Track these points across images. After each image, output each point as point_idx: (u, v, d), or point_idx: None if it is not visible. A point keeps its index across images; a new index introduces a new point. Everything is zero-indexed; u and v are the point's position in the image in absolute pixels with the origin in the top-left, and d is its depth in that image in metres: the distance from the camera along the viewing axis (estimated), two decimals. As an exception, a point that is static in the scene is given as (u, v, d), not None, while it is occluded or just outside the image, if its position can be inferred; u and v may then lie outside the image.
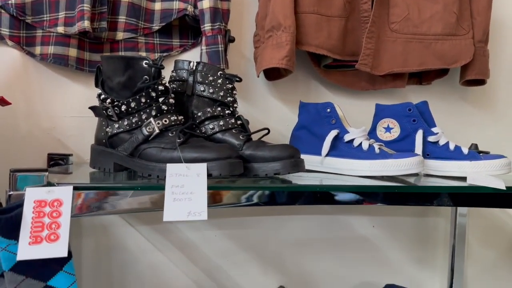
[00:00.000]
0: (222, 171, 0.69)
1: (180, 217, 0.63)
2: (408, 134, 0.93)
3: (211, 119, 0.80)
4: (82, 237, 0.99)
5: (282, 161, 0.74)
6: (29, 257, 0.57)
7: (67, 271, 0.63)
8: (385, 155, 0.83)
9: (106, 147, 0.78)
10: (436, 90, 1.16)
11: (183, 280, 1.04)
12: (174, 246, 1.04)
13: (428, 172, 0.90)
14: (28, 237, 0.58)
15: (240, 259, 1.08)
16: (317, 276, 1.12)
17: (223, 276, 1.06)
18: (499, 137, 1.21)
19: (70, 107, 0.97)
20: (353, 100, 1.11)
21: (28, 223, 0.59)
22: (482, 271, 1.24)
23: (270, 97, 1.08)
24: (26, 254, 0.57)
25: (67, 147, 0.96)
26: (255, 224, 1.09)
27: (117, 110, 0.75)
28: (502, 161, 0.84)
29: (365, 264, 1.15)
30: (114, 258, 1.00)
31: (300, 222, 1.11)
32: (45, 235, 0.59)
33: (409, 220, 1.17)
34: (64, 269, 0.63)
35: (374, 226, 1.15)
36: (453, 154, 0.88)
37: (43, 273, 0.62)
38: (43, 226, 0.59)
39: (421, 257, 1.19)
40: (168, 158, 0.70)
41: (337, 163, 0.87)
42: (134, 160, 0.74)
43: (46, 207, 0.60)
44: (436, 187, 0.78)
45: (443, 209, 1.20)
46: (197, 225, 1.05)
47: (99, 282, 1.00)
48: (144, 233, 1.02)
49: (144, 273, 1.02)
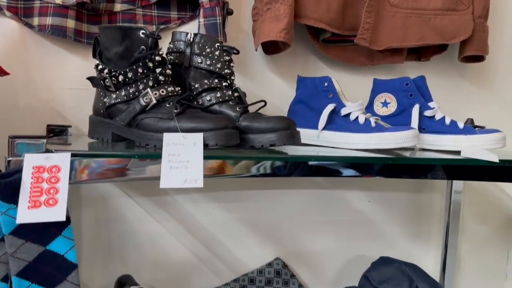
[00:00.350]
0: (218, 141, 0.70)
1: (177, 184, 0.64)
2: (404, 108, 0.93)
3: (208, 91, 0.81)
4: (81, 208, 1.00)
5: (278, 132, 0.74)
6: (28, 221, 0.59)
7: (66, 236, 0.64)
8: (381, 129, 0.83)
9: (104, 117, 0.79)
10: (434, 67, 1.16)
11: (181, 251, 1.06)
12: (173, 218, 1.05)
13: (424, 146, 0.91)
14: (27, 201, 0.59)
15: (237, 232, 1.09)
16: (313, 249, 1.14)
17: (221, 247, 1.08)
18: (497, 114, 1.21)
19: (68, 79, 0.97)
20: (351, 76, 1.11)
21: (27, 188, 0.60)
22: (476, 247, 1.26)
23: (268, 72, 1.08)
24: (25, 218, 0.59)
25: (66, 118, 0.97)
26: (252, 197, 1.10)
27: (115, 81, 0.75)
28: (496, 135, 0.85)
29: (360, 238, 1.17)
30: (113, 229, 1.02)
31: (296, 196, 1.13)
32: (44, 200, 0.60)
33: (405, 195, 1.19)
34: (63, 234, 0.64)
35: (370, 201, 1.17)
36: (449, 129, 0.88)
37: (42, 237, 0.63)
38: (42, 191, 0.60)
39: (416, 232, 1.20)
40: (165, 128, 0.71)
41: (333, 137, 0.88)
42: (131, 130, 0.75)
43: (45, 173, 0.61)
44: (430, 159, 0.79)
45: (438, 185, 1.21)
46: (195, 198, 1.07)
47: (98, 252, 1.02)
48: (142, 204, 1.03)
49: (143, 243, 1.04)
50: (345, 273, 1.15)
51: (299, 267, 1.13)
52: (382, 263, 0.95)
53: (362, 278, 0.96)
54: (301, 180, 1.13)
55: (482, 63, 1.12)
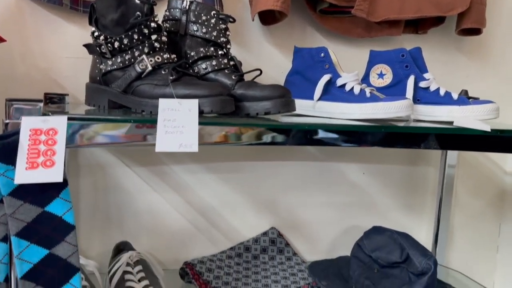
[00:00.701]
0: (214, 108, 0.71)
1: (172, 148, 0.65)
2: (400, 80, 0.93)
3: (203, 59, 0.81)
4: (79, 177, 1.02)
5: (273, 100, 0.75)
6: (26, 181, 0.60)
7: (64, 198, 0.66)
8: (376, 99, 0.84)
9: (100, 84, 0.80)
10: (432, 40, 1.15)
11: (178, 220, 1.08)
12: (170, 188, 1.07)
13: (418, 117, 0.92)
14: (24, 162, 0.61)
15: (234, 202, 1.11)
16: (308, 220, 1.16)
17: (217, 217, 1.10)
18: (493, 88, 1.22)
19: (65, 48, 0.97)
20: (348, 48, 1.11)
21: (24, 150, 0.61)
22: (468, 219, 1.28)
23: (265, 43, 1.08)
24: (23, 178, 0.60)
25: (63, 87, 0.97)
26: (249, 169, 1.12)
27: (110, 47, 0.76)
28: (490, 106, 0.86)
29: (354, 209, 1.19)
30: (111, 197, 1.04)
31: (292, 168, 1.14)
32: (41, 161, 0.61)
33: (399, 168, 1.20)
34: (60, 195, 0.66)
35: (365, 173, 1.18)
36: (443, 99, 0.89)
37: (40, 199, 0.65)
38: (39, 153, 0.61)
39: (410, 205, 1.22)
40: (160, 94, 0.72)
41: (329, 107, 0.89)
42: (127, 96, 0.76)
43: (42, 135, 0.62)
44: (422, 128, 0.80)
45: (432, 159, 1.22)
46: (192, 168, 1.08)
47: (97, 220, 1.04)
48: (140, 174, 1.05)
49: (141, 212, 1.06)
50: (339, 243, 1.17)
51: (294, 237, 1.15)
52: (374, 232, 0.97)
53: (355, 247, 0.98)
54: (297, 152, 1.14)
55: (479, 37, 1.12)
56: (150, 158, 1.05)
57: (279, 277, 0.99)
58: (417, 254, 0.89)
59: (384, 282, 0.90)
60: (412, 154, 1.21)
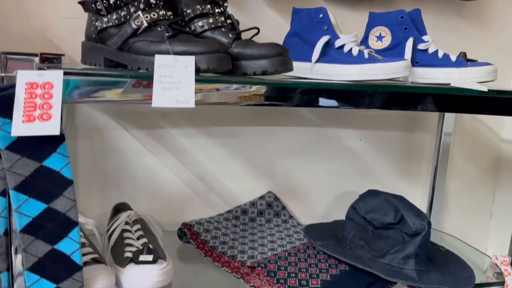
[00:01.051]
0: (210, 65, 0.70)
1: (169, 103, 0.65)
2: (399, 42, 0.93)
3: (200, 16, 0.80)
4: (77, 139, 1.02)
5: (270, 58, 0.75)
6: (23, 134, 0.60)
7: (61, 152, 0.66)
8: (374, 60, 0.84)
9: (96, 42, 0.79)
10: (432, 4, 1.14)
11: (176, 183, 1.09)
12: (168, 151, 1.08)
13: (416, 80, 0.92)
14: (21, 115, 0.61)
15: (231, 166, 1.12)
16: (304, 184, 1.17)
17: (215, 181, 1.11)
18: (493, 55, 1.21)
19: (61, 8, 0.96)
20: (348, 11, 1.10)
21: (20, 103, 0.61)
22: (463, 186, 1.29)
23: (264, 6, 1.07)
24: (20, 131, 0.60)
25: (60, 48, 0.96)
26: (246, 133, 1.12)
27: (106, 3, 0.75)
28: (488, 68, 0.86)
29: (350, 174, 1.20)
30: (109, 160, 1.04)
31: (289, 133, 1.14)
32: (38, 115, 0.61)
33: (396, 134, 1.21)
34: (58, 150, 0.66)
35: (361, 139, 1.19)
36: (441, 62, 0.89)
37: (38, 153, 0.65)
38: (35, 106, 0.61)
39: (406, 171, 1.23)
40: (156, 50, 0.71)
41: (327, 69, 0.88)
42: (123, 54, 0.75)
43: (38, 89, 0.62)
44: (418, 87, 0.80)
45: (429, 125, 1.23)
46: (190, 132, 1.08)
47: (95, 182, 1.04)
48: (138, 137, 1.05)
49: (139, 175, 1.06)
50: (334, 208, 1.19)
51: (290, 201, 1.17)
52: (369, 195, 0.98)
53: (350, 209, 0.99)
54: (294, 117, 1.14)
55: (480, 3, 1.11)
56: (147, 121, 1.05)
57: (275, 238, 1.01)
58: (411, 215, 0.90)
59: (378, 243, 0.92)
60: (409, 121, 1.21)
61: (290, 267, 0.87)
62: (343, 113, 1.16)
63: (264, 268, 0.86)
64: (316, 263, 0.90)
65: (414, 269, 0.88)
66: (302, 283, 0.82)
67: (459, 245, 1.13)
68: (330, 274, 0.86)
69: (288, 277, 0.84)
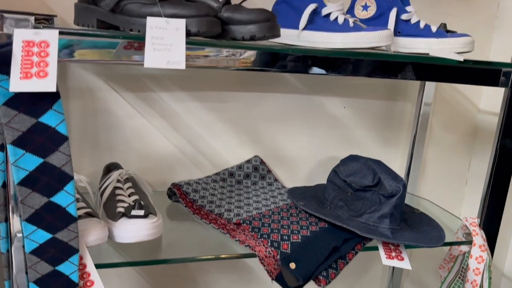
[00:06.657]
0: (200, 28, 0.73)
1: (160, 64, 0.68)
2: (383, 12, 0.96)
3: (191, -19, 0.82)
4: (69, 99, 1.04)
5: (259, 24, 0.77)
6: (21, 90, 0.63)
7: (57, 109, 0.69)
8: (358, 29, 0.87)
9: (89, 3, 0.81)
10: (418, -25, 1.17)
11: (165, 145, 1.13)
12: (158, 114, 1.11)
13: (398, 49, 0.96)
14: (18, 72, 0.63)
15: (219, 130, 1.16)
16: (289, 150, 1.22)
17: (203, 144, 1.15)
18: (473, 27, 1.25)
19: (51, -31, 0.97)
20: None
21: (18, 60, 0.64)
22: (440, 154, 1.36)
23: (254, -28, 1.09)
24: (18, 87, 0.63)
25: (51, 9, 0.98)
26: (233, 98, 1.15)
27: (99, -35, 0.76)
28: (466, 39, 0.90)
29: (333, 141, 1.25)
30: (100, 121, 1.07)
31: (276, 100, 1.18)
32: (35, 72, 0.64)
33: (378, 103, 1.25)
34: (53, 107, 0.69)
35: (345, 107, 1.23)
36: (422, 32, 0.92)
37: (34, 109, 0.68)
38: (32, 64, 0.64)
39: (386, 138, 1.29)
40: (148, 13, 0.74)
41: (313, 36, 0.91)
42: (115, 15, 0.77)
43: (34, 47, 0.64)
44: (399, 56, 0.84)
45: (411, 94, 1.27)
46: (179, 96, 1.11)
47: (86, 143, 1.07)
48: (128, 99, 1.08)
49: (129, 136, 1.10)
50: (317, 172, 1.25)
51: (276, 166, 1.22)
52: (350, 159, 1.04)
53: (331, 173, 1.05)
54: (280, 83, 1.18)
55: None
56: (138, 84, 1.08)
57: (260, 198, 1.06)
58: (388, 178, 0.96)
59: (356, 203, 0.97)
60: (391, 90, 1.26)
61: (273, 224, 0.93)
62: (329, 81, 1.20)
63: (249, 224, 0.92)
64: (297, 221, 0.96)
65: (389, 227, 0.94)
66: (284, 238, 0.88)
67: (433, 209, 1.20)
68: (310, 231, 0.92)
69: (271, 233, 0.89)
